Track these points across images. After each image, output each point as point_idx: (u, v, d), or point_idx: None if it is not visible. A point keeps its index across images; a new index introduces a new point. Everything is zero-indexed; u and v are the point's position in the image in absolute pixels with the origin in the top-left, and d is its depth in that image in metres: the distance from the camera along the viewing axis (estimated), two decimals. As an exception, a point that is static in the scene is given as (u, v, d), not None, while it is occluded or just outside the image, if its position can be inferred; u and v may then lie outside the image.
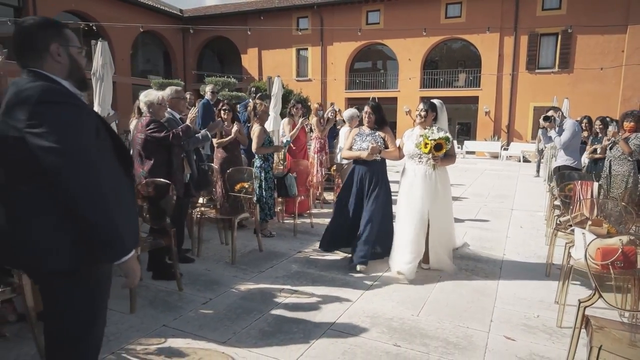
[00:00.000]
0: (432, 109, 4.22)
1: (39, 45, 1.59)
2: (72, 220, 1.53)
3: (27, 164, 1.49)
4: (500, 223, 6.57)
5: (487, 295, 3.79)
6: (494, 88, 20.64)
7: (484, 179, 11.99)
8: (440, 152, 3.98)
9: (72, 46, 1.65)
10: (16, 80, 1.59)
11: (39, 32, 1.60)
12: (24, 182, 1.53)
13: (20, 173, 1.53)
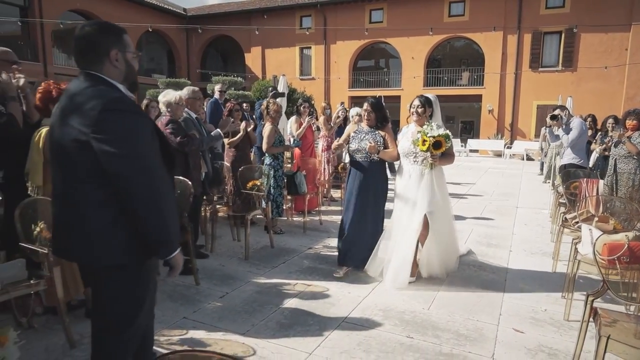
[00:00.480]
0: (428, 104, 3.93)
1: (100, 50, 1.67)
2: (126, 218, 1.64)
3: (88, 165, 1.60)
4: (506, 220, 6.66)
5: (495, 289, 3.89)
6: (497, 86, 20.68)
7: (488, 177, 12.08)
8: (439, 150, 3.71)
9: (128, 52, 1.75)
10: (75, 86, 1.67)
11: (100, 38, 1.68)
12: (84, 181, 1.63)
13: (81, 173, 1.62)
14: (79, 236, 1.66)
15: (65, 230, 1.68)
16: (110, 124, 1.57)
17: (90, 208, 1.63)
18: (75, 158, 1.61)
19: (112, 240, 1.65)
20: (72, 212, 1.65)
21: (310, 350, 2.81)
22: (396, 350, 2.84)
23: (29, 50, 19.86)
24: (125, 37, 1.75)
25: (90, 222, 1.63)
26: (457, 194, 9.02)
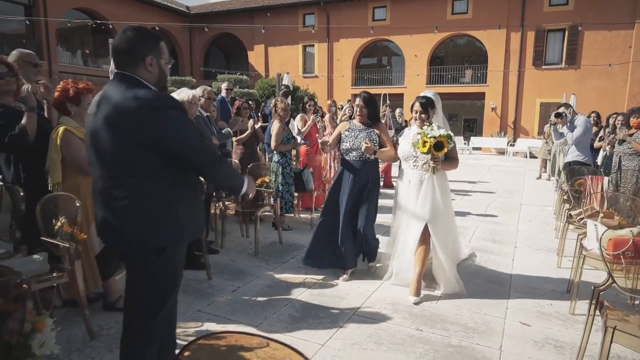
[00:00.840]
0: (430, 105, 3.67)
1: (137, 55, 1.81)
2: (165, 207, 1.83)
3: (135, 161, 1.76)
4: (510, 217, 6.73)
5: (501, 284, 3.96)
6: (500, 84, 20.71)
7: (492, 175, 12.13)
8: (441, 152, 3.45)
9: (163, 59, 1.88)
10: (114, 88, 1.79)
11: (138, 43, 1.82)
12: (131, 176, 1.79)
13: (129, 169, 1.78)
14: (126, 225, 1.81)
15: (114, 220, 1.82)
16: (163, 119, 1.74)
17: (136, 199, 1.78)
18: (125, 156, 1.76)
19: (155, 227, 1.82)
20: (120, 204, 1.79)
21: (322, 342, 2.89)
22: (406, 342, 2.92)
23: (33, 48, 19.95)
24: (162, 45, 1.88)
25: (137, 212, 1.79)
26: (462, 190, 9.09)
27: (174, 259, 1.93)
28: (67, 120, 2.98)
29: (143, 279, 1.88)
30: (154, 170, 1.79)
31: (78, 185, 2.93)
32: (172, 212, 1.84)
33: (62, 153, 2.88)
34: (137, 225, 1.80)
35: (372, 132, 3.89)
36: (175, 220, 1.86)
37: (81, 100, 2.98)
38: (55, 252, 2.75)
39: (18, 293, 1.35)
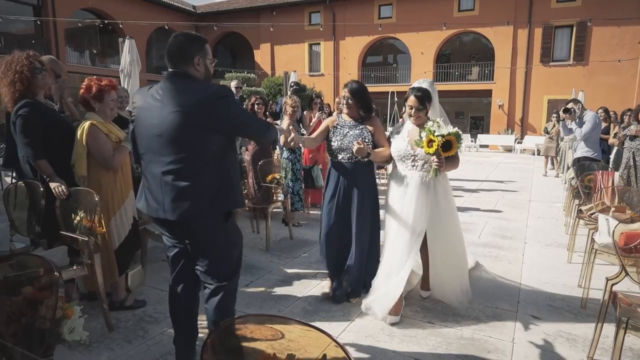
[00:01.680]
0: (427, 98, 3.14)
1: (187, 56, 2.10)
2: (226, 179, 2.16)
3: (201, 144, 2.06)
4: (520, 213, 6.72)
5: (512, 279, 3.97)
6: (507, 81, 20.62)
7: (500, 172, 12.10)
8: (449, 153, 2.98)
9: (208, 58, 2.18)
10: (173, 84, 2.08)
11: (188, 46, 2.12)
12: (197, 156, 2.07)
13: (196, 151, 2.07)
14: (200, 197, 2.08)
15: (187, 196, 2.07)
16: (229, 106, 2.10)
17: (204, 176, 2.08)
18: (194, 140, 2.04)
19: (222, 196, 2.14)
20: (191, 182, 2.06)
21: (336, 335, 2.92)
22: (419, 334, 2.95)
23: (42, 48, 20.12)
24: (206, 46, 2.18)
25: (207, 186, 2.09)
26: (469, 188, 9.09)
27: (235, 221, 2.34)
28: (92, 116, 3.03)
29: (221, 241, 2.21)
30: (216, 149, 2.09)
31: (100, 180, 2.98)
32: (230, 182, 2.18)
33: (88, 147, 2.93)
34: (209, 195, 2.09)
35: (364, 130, 3.31)
36: (232, 189, 2.19)
37: (104, 97, 3.03)
38: (74, 246, 2.81)
39: (50, 280, 1.40)
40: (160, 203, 2.09)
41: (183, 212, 2.07)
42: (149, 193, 2.16)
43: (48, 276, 1.41)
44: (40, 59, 3.09)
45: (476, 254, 4.63)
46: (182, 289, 2.38)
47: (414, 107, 3.15)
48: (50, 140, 2.96)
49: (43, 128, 2.95)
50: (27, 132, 2.89)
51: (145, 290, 3.53)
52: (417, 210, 3.13)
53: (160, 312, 3.16)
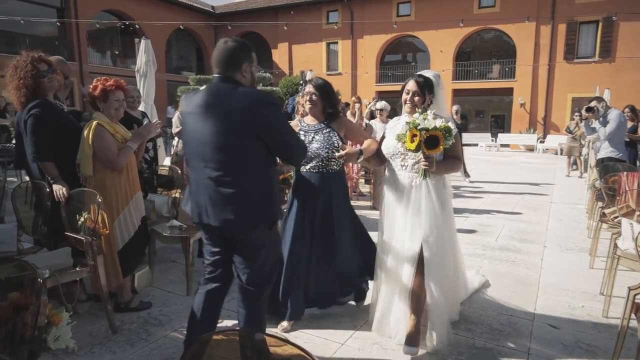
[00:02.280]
0: (428, 88, 2.74)
1: (235, 62, 2.13)
2: (269, 188, 2.14)
3: (246, 150, 2.04)
4: (540, 216, 6.51)
5: (529, 285, 3.82)
6: (529, 79, 20.14)
7: (520, 172, 11.80)
8: (434, 151, 2.53)
9: (253, 66, 2.22)
10: (220, 89, 2.10)
11: (237, 52, 2.14)
12: (242, 163, 2.06)
13: (241, 157, 2.05)
14: (240, 207, 2.06)
15: (227, 204, 2.06)
16: (270, 114, 2.07)
17: (247, 185, 2.07)
18: (237, 147, 2.03)
19: (264, 209, 2.12)
20: (232, 190, 2.05)
21: (342, 341, 2.84)
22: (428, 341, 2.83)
23: (65, 49, 20.57)
24: (253, 54, 2.21)
25: (248, 196, 2.08)
26: (488, 190, 8.87)
27: (276, 230, 2.34)
28: (99, 116, 3.01)
29: (260, 250, 2.20)
30: (259, 158, 2.08)
31: (104, 181, 2.96)
32: (272, 193, 2.17)
33: (93, 147, 2.91)
34: (252, 204, 2.08)
35: (331, 133, 2.88)
36: (274, 199, 2.18)
37: (108, 97, 3.01)
38: (78, 247, 2.79)
39: (33, 287, 1.35)
40: (203, 208, 2.11)
41: (226, 220, 2.08)
42: (193, 197, 2.18)
43: (31, 282, 1.37)
44: (48, 59, 3.09)
45: (492, 258, 4.50)
46: (212, 291, 2.36)
47: (410, 92, 2.73)
48: (61, 141, 2.96)
49: (56, 127, 2.95)
50: (37, 132, 2.89)
51: (152, 292, 3.50)
52: (408, 216, 2.70)
53: (165, 314, 3.13)
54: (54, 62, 3.48)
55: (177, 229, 3.61)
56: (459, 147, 2.85)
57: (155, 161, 5.01)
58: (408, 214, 2.70)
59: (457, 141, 2.75)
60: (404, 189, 2.74)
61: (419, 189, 2.70)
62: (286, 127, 2.21)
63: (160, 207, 4.04)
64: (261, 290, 2.28)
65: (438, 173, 2.69)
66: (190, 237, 3.51)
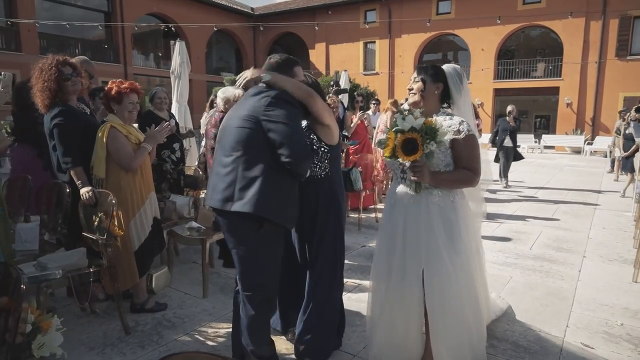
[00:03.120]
0: (434, 77, 2.31)
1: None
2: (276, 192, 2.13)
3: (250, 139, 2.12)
4: (581, 223, 6.11)
5: (563, 299, 3.56)
6: (577, 77, 19.13)
7: (564, 176, 11.21)
8: (411, 157, 2.08)
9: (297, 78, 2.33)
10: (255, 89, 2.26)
11: (281, 65, 2.31)
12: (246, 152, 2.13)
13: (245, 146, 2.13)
14: (232, 189, 2.13)
15: (221, 184, 2.16)
16: (275, 106, 2.12)
17: (245, 172, 2.11)
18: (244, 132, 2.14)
19: (259, 200, 2.09)
20: (230, 172, 2.14)
21: (355, 352, 2.73)
22: (446, 358, 2.68)
23: (111, 52, 21.47)
24: (295, 69, 2.33)
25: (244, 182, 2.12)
26: (527, 195, 8.46)
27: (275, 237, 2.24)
28: (113, 118, 3.05)
29: (246, 244, 2.18)
30: (263, 149, 2.10)
31: (119, 182, 2.99)
32: (279, 193, 2.15)
33: (108, 149, 2.95)
34: (244, 191, 2.10)
35: (308, 132, 2.47)
36: (278, 199, 2.15)
37: (122, 100, 3.04)
38: (94, 248, 2.83)
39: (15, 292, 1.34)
40: (209, 192, 2.27)
41: (216, 199, 2.16)
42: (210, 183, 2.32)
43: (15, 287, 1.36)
44: (73, 62, 3.15)
45: (524, 268, 4.25)
46: (237, 292, 2.41)
47: (411, 80, 2.38)
48: (85, 145, 3.02)
49: (80, 133, 3.00)
50: (65, 140, 2.95)
51: (169, 293, 3.52)
52: (406, 236, 2.29)
53: (179, 316, 3.13)
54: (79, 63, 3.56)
55: (196, 231, 3.61)
56: (473, 155, 2.24)
57: (183, 162, 5.07)
58: (407, 231, 2.28)
59: (470, 146, 2.22)
60: (401, 205, 2.32)
61: (417, 205, 2.26)
62: (291, 125, 2.10)
63: (182, 208, 4.07)
64: (248, 294, 2.22)
65: (439, 185, 2.24)
66: (207, 239, 3.50)
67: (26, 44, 17.79)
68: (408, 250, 2.28)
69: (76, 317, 3.08)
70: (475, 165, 2.26)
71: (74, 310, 3.15)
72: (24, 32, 17.85)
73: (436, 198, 2.26)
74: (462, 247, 2.26)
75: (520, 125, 9.10)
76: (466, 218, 2.35)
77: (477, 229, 2.52)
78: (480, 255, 2.61)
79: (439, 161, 2.24)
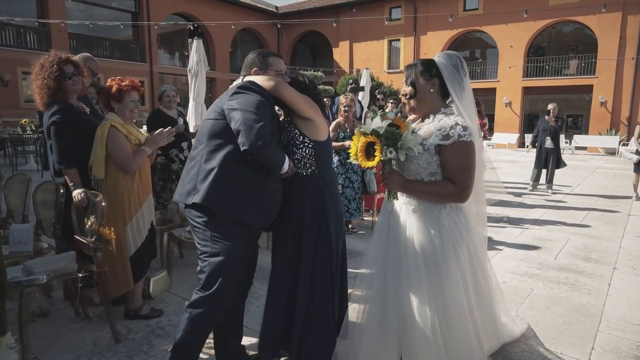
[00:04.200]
0: (424, 74, 2.00)
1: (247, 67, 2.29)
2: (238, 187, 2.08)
3: (212, 128, 2.11)
4: (613, 230, 5.71)
5: (589, 316, 3.26)
6: (612, 75, 18.27)
7: (596, 178, 10.65)
8: (370, 163, 1.89)
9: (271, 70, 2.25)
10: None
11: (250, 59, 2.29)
12: (210, 141, 2.12)
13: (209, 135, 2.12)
14: (188, 181, 2.14)
15: (183, 177, 2.21)
16: (239, 96, 2.04)
17: (205, 163, 2.09)
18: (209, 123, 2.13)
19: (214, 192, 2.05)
20: (191, 164, 2.17)
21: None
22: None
23: (138, 52, 21.83)
24: (269, 59, 2.26)
25: (200, 173, 2.10)
26: (553, 199, 8.04)
27: (235, 232, 2.09)
28: (113, 117, 2.94)
29: (201, 237, 2.11)
30: (225, 139, 2.05)
31: (117, 184, 2.87)
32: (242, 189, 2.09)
33: (107, 149, 2.84)
34: (199, 181, 2.08)
35: (290, 127, 2.29)
36: (240, 195, 2.08)
37: (123, 98, 2.93)
38: (85, 252, 2.72)
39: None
40: (178, 186, 2.24)
41: (180, 192, 2.16)
42: None
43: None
44: (75, 61, 3.06)
45: (547, 280, 3.95)
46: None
47: (404, 89, 2.10)
48: (82, 144, 2.92)
49: (78, 132, 2.91)
50: (60, 140, 2.87)
51: (167, 298, 3.40)
52: (389, 255, 2.05)
53: (173, 324, 3.00)
54: (81, 60, 3.48)
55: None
56: (461, 165, 1.90)
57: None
58: (389, 249, 2.04)
59: (459, 155, 1.88)
60: (386, 211, 2.11)
61: (398, 216, 2.02)
62: (254, 114, 1.95)
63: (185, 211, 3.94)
64: (200, 294, 2.10)
65: (419, 198, 1.97)
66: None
67: (56, 44, 18.21)
68: (390, 266, 2.04)
69: (69, 321, 2.98)
70: (462, 178, 1.91)
71: (69, 314, 3.06)
72: (55, 32, 18.34)
73: (416, 212, 1.99)
74: (444, 271, 1.94)
75: (562, 124, 8.38)
76: (457, 238, 1.98)
77: (478, 247, 2.14)
78: (485, 276, 2.23)
79: (420, 168, 1.97)
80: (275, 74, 2.22)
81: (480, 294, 2.21)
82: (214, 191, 2.02)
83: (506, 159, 15.22)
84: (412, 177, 1.98)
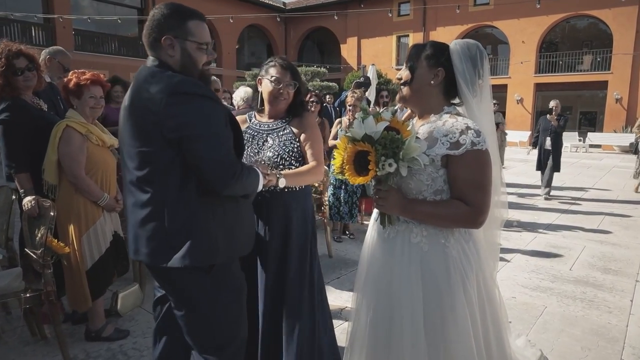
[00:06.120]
0: (429, 59, 1.59)
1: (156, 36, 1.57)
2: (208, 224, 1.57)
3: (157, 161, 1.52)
4: (633, 237, 5.29)
5: (610, 340, 2.87)
6: (628, 70, 17.65)
7: (612, 178, 10.17)
8: (361, 179, 1.46)
9: (189, 40, 1.57)
10: (139, 72, 1.60)
11: (157, 24, 1.57)
12: (157, 180, 1.55)
13: (154, 170, 1.54)
14: (157, 237, 1.55)
15: (142, 231, 1.57)
16: (178, 108, 1.44)
17: (164, 208, 1.53)
18: (146, 154, 1.51)
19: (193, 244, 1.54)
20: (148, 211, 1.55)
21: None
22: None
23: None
24: (188, 23, 1.56)
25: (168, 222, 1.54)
26: (567, 200, 7.60)
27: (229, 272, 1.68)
28: (73, 114, 2.62)
29: (199, 297, 1.63)
30: (178, 170, 1.50)
31: (72, 190, 2.55)
32: (209, 224, 1.57)
33: (57, 152, 2.52)
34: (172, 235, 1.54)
35: (289, 135, 2.01)
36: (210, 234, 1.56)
37: (83, 93, 2.61)
38: (35, 267, 2.41)
39: None
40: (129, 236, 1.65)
41: (144, 253, 1.57)
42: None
43: None
44: (30, 54, 2.74)
45: (562, 295, 3.56)
46: (164, 342, 1.84)
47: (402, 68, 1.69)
48: (36, 145, 2.60)
49: (30, 132, 2.60)
50: (9, 140, 2.56)
51: (137, 315, 3.07)
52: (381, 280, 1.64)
53: (138, 347, 2.67)
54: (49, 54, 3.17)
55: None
56: (475, 181, 1.48)
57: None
58: (380, 277, 1.63)
59: (472, 167, 1.47)
60: (379, 237, 1.67)
61: (392, 244, 1.60)
62: (209, 129, 1.46)
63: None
64: (209, 358, 1.67)
65: (417, 221, 1.55)
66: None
67: (61, 40, 18.07)
68: (380, 300, 1.62)
69: (22, 344, 2.67)
70: (477, 197, 1.47)
71: (24, 334, 2.75)
72: (59, 28, 18.19)
73: (417, 238, 1.56)
74: (450, 315, 1.51)
75: (566, 124, 7.69)
76: (466, 272, 1.54)
77: (487, 276, 1.68)
78: (493, 313, 1.71)
79: (423, 186, 1.52)
80: (197, 48, 1.57)
81: (487, 333, 1.80)
82: (205, 240, 1.54)
83: (517, 157, 14.73)
84: (413, 196, 1.55)
